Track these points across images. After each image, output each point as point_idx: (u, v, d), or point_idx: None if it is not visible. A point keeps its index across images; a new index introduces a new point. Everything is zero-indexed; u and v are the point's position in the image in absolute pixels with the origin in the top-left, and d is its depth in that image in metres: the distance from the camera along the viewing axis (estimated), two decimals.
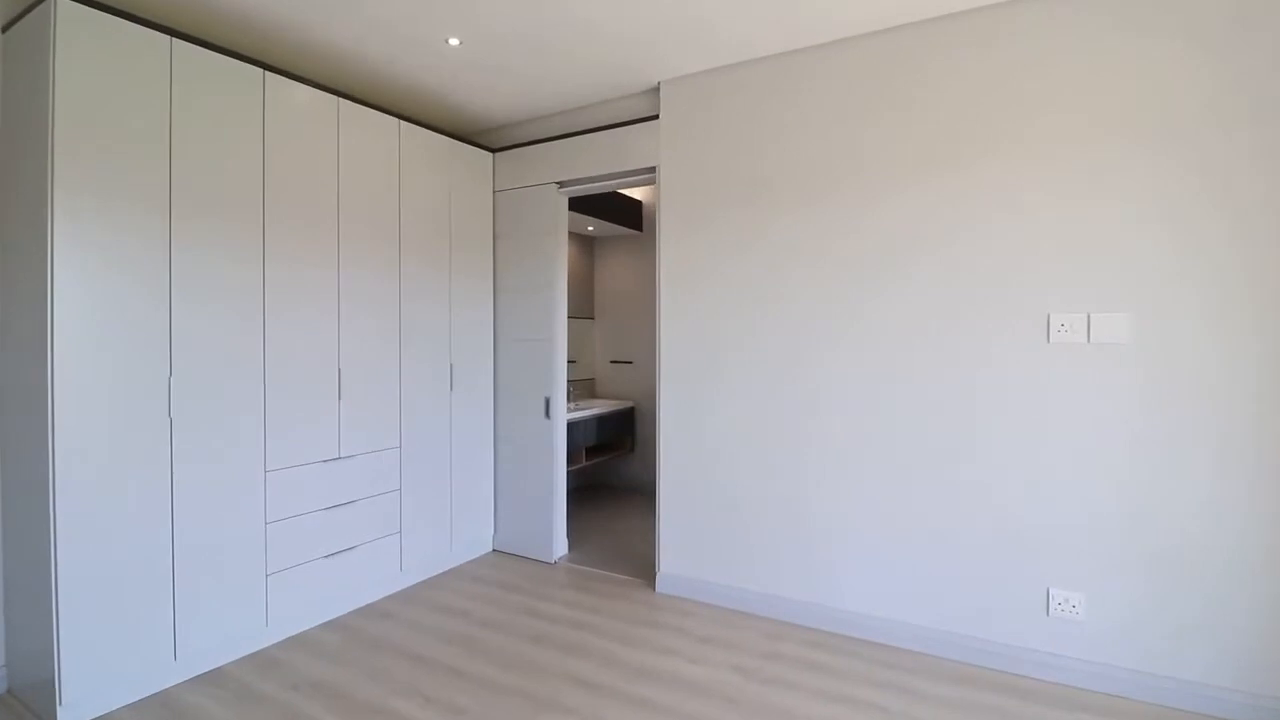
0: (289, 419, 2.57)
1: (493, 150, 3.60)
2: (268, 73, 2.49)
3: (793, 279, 2.72)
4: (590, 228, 4.81)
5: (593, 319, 5.31)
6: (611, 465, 5.25)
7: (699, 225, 2.94)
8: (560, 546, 3.52)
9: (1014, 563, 2.33)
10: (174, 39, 2.20)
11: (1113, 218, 2.17)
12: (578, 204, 4.08)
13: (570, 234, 4.91)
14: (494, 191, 3.62)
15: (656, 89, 3.08)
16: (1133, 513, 2.16)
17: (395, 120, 3.03)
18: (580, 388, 5.14)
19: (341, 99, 2.77)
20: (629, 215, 4.84)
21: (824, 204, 2.65)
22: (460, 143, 3.39)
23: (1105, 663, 2.20)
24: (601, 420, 4.61)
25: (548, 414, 3.44)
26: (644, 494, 4.95)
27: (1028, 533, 2.31)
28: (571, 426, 4.12)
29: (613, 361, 5.21)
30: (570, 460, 4.22)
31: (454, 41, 2.63)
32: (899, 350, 2.51)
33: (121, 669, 2.09)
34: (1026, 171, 2.29)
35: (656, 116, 3.06)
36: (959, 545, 2.41)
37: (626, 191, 4.88)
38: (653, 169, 3.11)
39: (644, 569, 3.34)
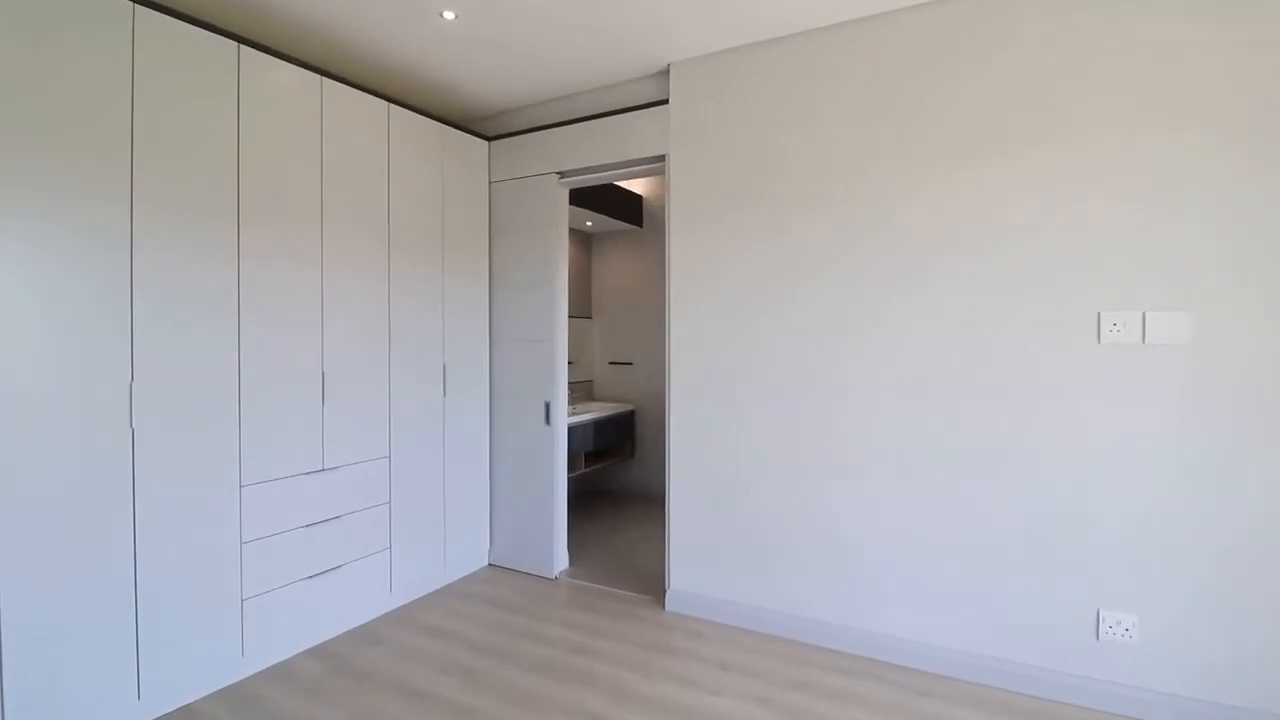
0: (267, 428, 2.34)
1: (488, 138, 3.38)
2: (243, 47, 2.25)
3: (818, 276, 2.53)
4: (589, 223, 4.60)
5: (590, 318, 5.09)
6: (610, 471, 5.03)
7: (712, 218, 2.74)
8: (561, 560, 3.31)
9: (1061, 582, 2.15)
10: (136, 4, 1.96)
11: (1168, 210, 1.99)
12: (576, 198, 3.87)
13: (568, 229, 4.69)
14: (490, 182, 3.39)
15: (666, 71, 2.88)
16: (1190, 527, 1.99)
17: (384, 103, 2.80)
18: (578, 390, 4.93)
19: (325, 78, 2.54)
20: (629, 210, 4.64)
21: (853, 196, 2.46)
22: (453, 129, 3.17)
23: (1160, 690, 2.03)
24: (600, 425, 4.40)
25: (548, 419, 3.23)
26: (645, 501, 4.74)
27: (1076, 550, 2.13)
28: (570, 431, 3.90)
29: (612, 363, 5.00)
30: (569, 467, 4.00)
31: (449, 15, 2.41)
32: (934, 352, 2.33)
33: (75, 712, 1.85)
34: (1073, 160, 2.11)
35: (666, 101, 2.85)
36: (1001, 563, 2.23)
37: (627, 185, 4.68)
38: (661, 158, 2.91)
39: (651, 584, 3.13)
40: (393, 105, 2.83)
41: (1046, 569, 2.17)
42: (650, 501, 4.72)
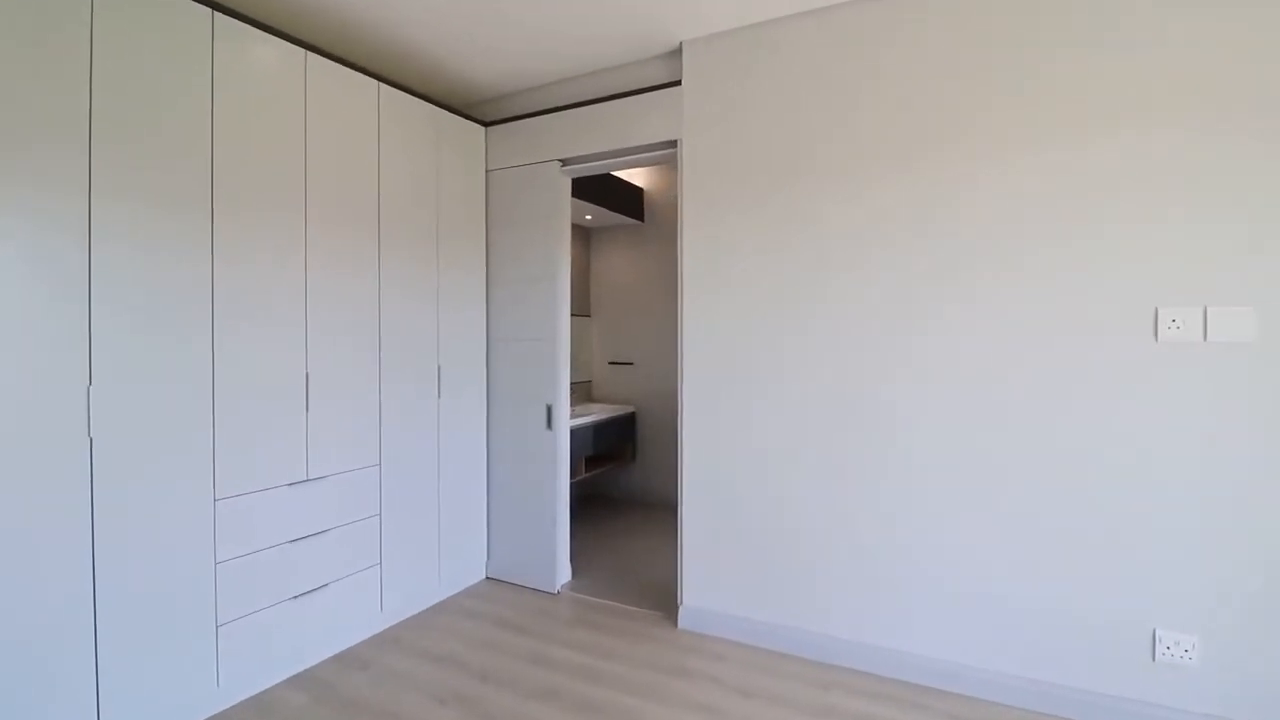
0: (245, 436, 2.12)
1: (485, 124, 3.18)
2: (217, 15, 2.04)
3: (851, 272, 2.34)
4: (588, 216, 4.40)
5: (589, 317, 4.90)
6: (610, 476, 4.84)
7: (731, 209, 2.56)
8: (563, 573, 3.11)
9: (1112, 598, 1.99)
10: None
11: (1233, 195, 1.84)
12: (574, 191, 3.66)
13: None
14: (487, 171, 3.19)
15: (678, 51, 2.69)
16: (1258, 540, 1.83)
17: (374, 83, 2.59)
18: (576, 391, 4.73)
19: (310, 52, 2.33)
20: (630, 203, 4.45)
21: (891, 186, 2.27)
22: (448, 112, 2.97)
23: (1223, 717, 1.87)
24: (600, 427, 4.21)
25: (549, 424, 3.03)
26: (647, 507, 4.55)
27: (1129, 563, 1.97)
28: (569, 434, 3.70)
29: (611, 363, 4.81)
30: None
31: None
32: (978, 351, 2.15)
33: None
34: (1127, 141, 1.95)
35: (678, 83, 2.67)
36: (1046, 577, 2.07)
37: (628, 178, 4.49)
38: (673, 144, 2.72)
39: (660, 599, 2.94)
40: (383, 85, 2.62)
41: (1096, 584, 2.01)
42: (653, 507, 4.54)
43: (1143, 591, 1.95)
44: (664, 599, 2.93)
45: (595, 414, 4.25)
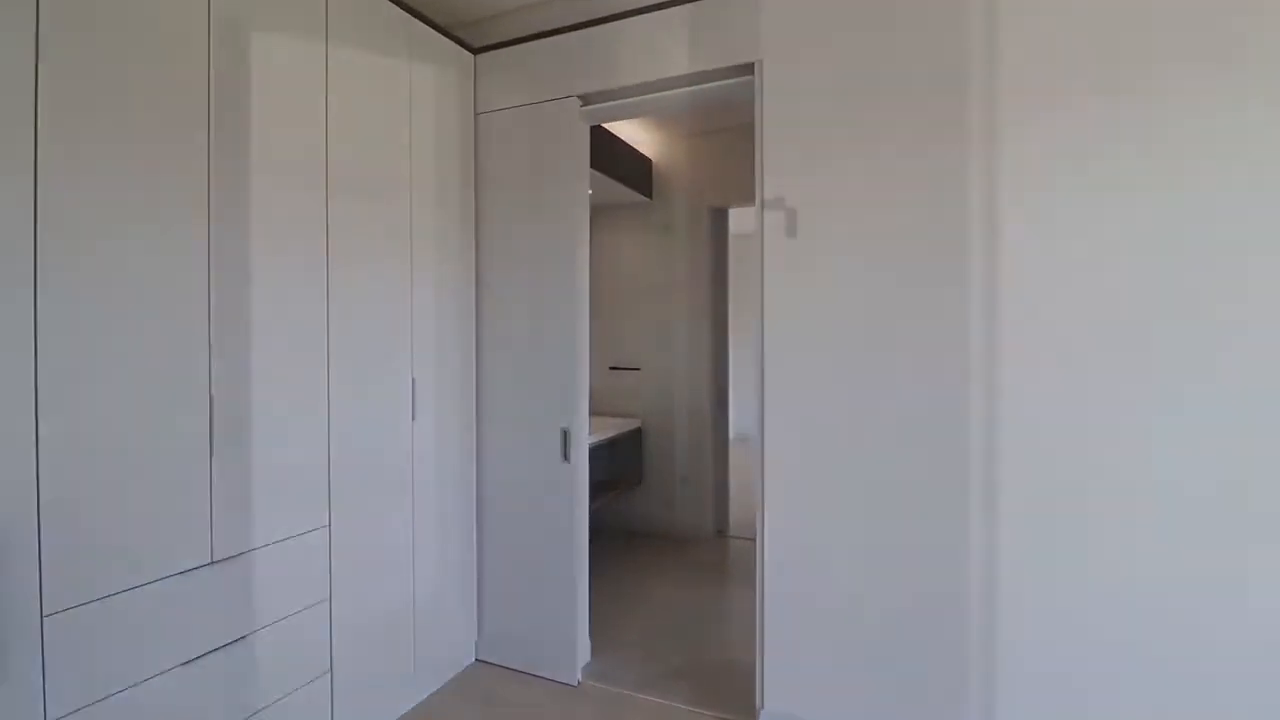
0: (99, 504, 1.27)
1: (474, 50, 2.37)
2: None
3: (1051, 239, 1.62)
4: (589, 190, 3.61)
5: None
6: (611, 503, 4.06)
7: (843, 152, 1.82)
8: (583, 652, 2.33)
9: None
10: None
11: None
12: None
13: None
14: (476, 114, 2.38)
15: None
16: None
17: None
18: None
19: None
20: (637, 175, 3.70)
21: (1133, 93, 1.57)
22: (425, 26, 2.14)
23: None
24: (604, 448, 3.45)
25: (566, 454, 2.24)
26: (658, 540, 3.80)
27: None
28: None
29: (612, 368, 4.04)
30: None
31: None
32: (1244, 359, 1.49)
33: None
34: None
35: None
36: None
37: (633, 143, 3.73)
38: (749, 68, 1.97)
39: (720, 689, 2.19)
40: None
41: None
42: (665, 539, 3.80)
43: None
44: (725, 689, 2.19)
45: (598, 431, 3.48)
